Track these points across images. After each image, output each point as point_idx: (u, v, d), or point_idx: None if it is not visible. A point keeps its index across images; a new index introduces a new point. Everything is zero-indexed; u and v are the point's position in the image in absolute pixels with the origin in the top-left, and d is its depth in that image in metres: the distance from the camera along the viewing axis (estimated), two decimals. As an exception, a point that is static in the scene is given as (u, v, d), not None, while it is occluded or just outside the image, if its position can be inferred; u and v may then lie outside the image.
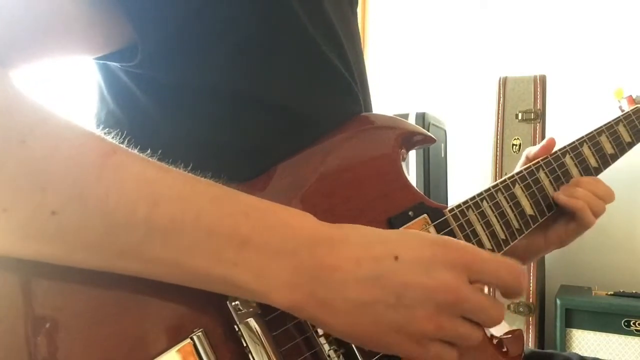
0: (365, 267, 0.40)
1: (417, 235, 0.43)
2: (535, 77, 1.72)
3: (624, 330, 1.47)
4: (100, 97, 0.52)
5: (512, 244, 0.61)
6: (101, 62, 0.50)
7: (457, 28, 2.09)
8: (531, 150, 0.73)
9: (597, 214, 0.69)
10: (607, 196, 0.70)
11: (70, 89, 0.55)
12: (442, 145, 1.82)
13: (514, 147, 1.71)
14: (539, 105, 1.70)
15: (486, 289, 0.55)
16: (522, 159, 0.74)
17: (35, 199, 0.34)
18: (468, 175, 1.97)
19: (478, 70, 2.01)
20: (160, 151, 0.41)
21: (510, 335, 0.55)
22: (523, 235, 0.63)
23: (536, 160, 0.68)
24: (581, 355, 0.72)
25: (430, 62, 2.14)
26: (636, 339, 1.46)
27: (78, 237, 0.35)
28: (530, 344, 1.62)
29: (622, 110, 0.85)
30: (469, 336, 0.42)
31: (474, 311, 0.42)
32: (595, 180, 0.71)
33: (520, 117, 1.71)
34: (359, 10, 2.49)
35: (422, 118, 1.61)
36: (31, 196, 0.34)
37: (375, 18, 2.28)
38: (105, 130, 0.40)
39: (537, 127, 1.69)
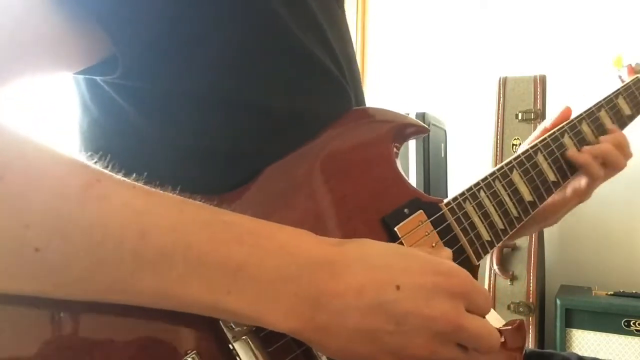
0: (367, 297, 0.39)
1: (420, 260, 0.43)
2: (535, 77, 1.72)
3: (624, 330, 1.47)
4: (83, 106, 0.50)
5: (510, 233, 0.60)
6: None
7: (457, 28, 2.09)
8: (547, 122, 0.73)
9: (613, 165, 0.70)
10: (625, 147, 0.71)
11: (51, 98, 0.53)
12: (442, 145, 1.82)
13: (514, 147, 1.71)
14: (539, 105, 1.70)
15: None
16: (539, 131, 0.74)
17: (18, 237, 0.32)
18: (468, 176, 1.96)
19: (478, 70, 2.01)
20: (145, 158, 0.40)
21: (509, 327, 0.52)
22: (522, 223, 0.61)
23: (534, 143, 0.67)
24: (580, 355, 0.72)
25: (430, 62, 2.14)
26: (636, 339, 1.46)
27: (63, 273, 0.34)
28: (530, 344, 1.62)
29: (622, 81, 0.82)
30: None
31: (469, 339, 0.42)
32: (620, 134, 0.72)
33: (520, 117, 1.71)
34: (359, 10, 2.48)
35: (422, 118, 1.61)
36: (14, 234, 0.32)
37: (375, 18, 2.28)
38: (89, 154, 0.38)
39: (537, 127, 1.69)
